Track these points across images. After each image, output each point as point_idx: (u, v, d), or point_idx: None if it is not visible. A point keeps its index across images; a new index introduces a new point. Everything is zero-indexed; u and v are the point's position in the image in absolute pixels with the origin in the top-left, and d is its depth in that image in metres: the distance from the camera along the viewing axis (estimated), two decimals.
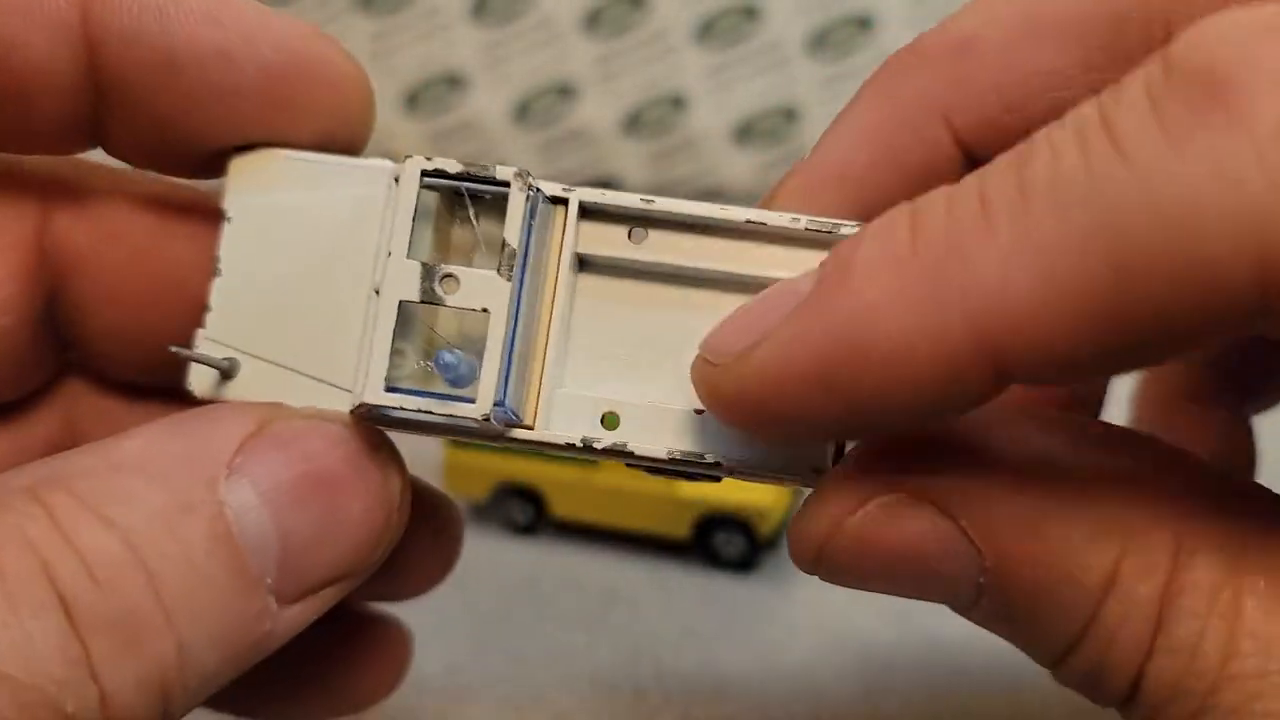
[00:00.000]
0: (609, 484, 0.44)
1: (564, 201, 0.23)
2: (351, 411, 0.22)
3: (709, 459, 0.22)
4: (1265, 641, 0.18)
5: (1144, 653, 0.19)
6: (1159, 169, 0.16)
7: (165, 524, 0.19)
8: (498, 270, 0.22)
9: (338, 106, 0.24)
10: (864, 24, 0.79)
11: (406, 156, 0.23)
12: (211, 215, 0.24)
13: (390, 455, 0.23)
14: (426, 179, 0.22)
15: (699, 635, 0.39)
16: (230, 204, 0.24)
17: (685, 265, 0.23)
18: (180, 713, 0.20)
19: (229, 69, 0.23)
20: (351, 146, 0.24)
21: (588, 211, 0.23)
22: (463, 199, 0.23)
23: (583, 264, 0.24)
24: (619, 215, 0.23)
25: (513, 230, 0.22)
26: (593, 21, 0.80)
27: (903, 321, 0.18)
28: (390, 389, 0.22)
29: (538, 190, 0.23)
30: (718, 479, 0.23)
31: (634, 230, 0.23)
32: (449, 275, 0.22)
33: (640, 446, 0.22)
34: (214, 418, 0.21)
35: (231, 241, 0.23)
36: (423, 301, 0.22)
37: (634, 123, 0.82)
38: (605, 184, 0.84)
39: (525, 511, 0.46)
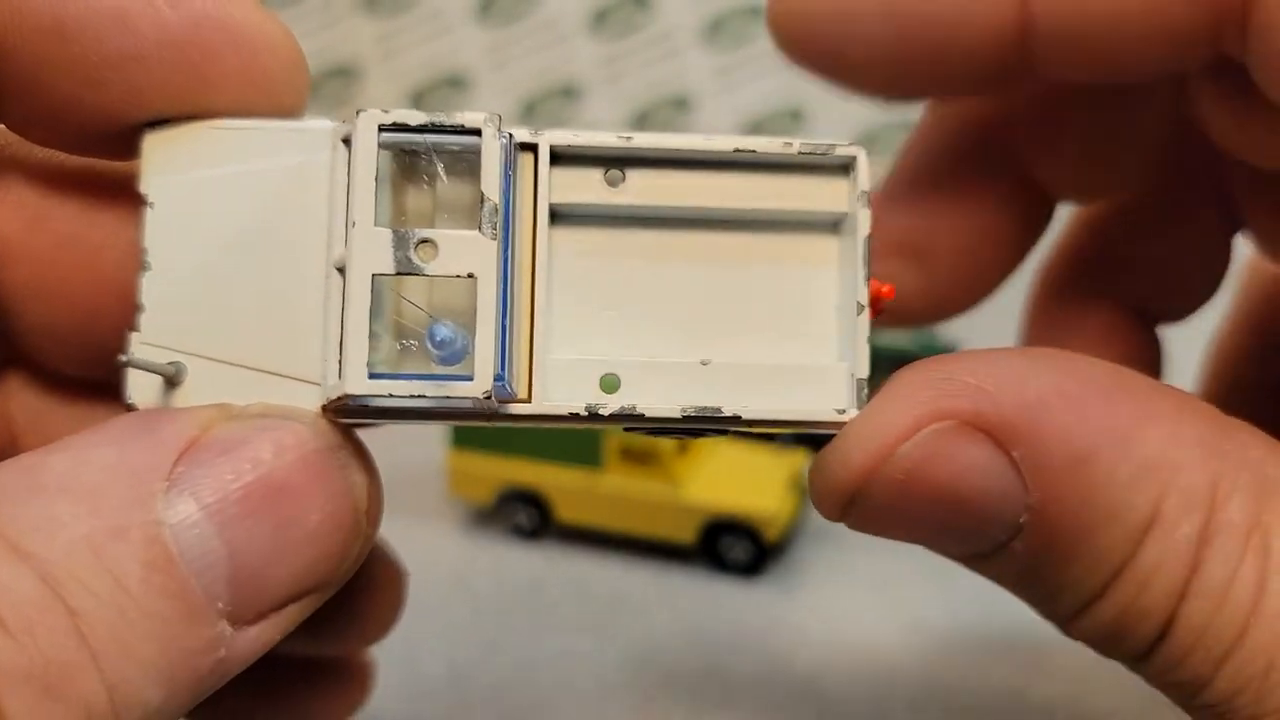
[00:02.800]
0: (614, 489, 0.44)
1: (533, 147, 0.21)
2: (325, 406, 0.20)
3: (726, 411, 0.20)
4: None
5: (1178, 595, 0.19)
6: None
7: (91, 552, 0.17)
8: (479, 229, 0.19)
9: (255, 71, 0.21)
10: None
11: (359, 111, 0.20)
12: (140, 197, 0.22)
13: (353, 453, 0.20)
14: (385, 134, 0.20)
15: (705, 641, 0.38)
16: (150, 186, 0.21)
17: (670, 205, 0.21)
18: None
19: (125, 33, 0.20)
20: (280, 116, 0.22)
21: (559, 157, 0.21)
22: (417, 156, 0.20)
23: (556, 215, 0.21)
24: (593, 158, 0.21)
25: (491, 182, 0.20)
26: (598, 22, 0.79)
27: None
28: (374, 375, 0.19)
29: (510, 136, 0.20)
30: (726, 433, 0.21)
31: (610, 172, 0.21)
32: (425, 240, 0.19)
33: (650, 407, 0.20)
34: (150, 423, 0.19)
35: (157, 229, 0.21)
36: (399, 273, 0.19)
37: (640, 124, 0.81)
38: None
39: (530, 516, 0.46)
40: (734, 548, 0.43)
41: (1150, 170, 0.27)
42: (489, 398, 0.19)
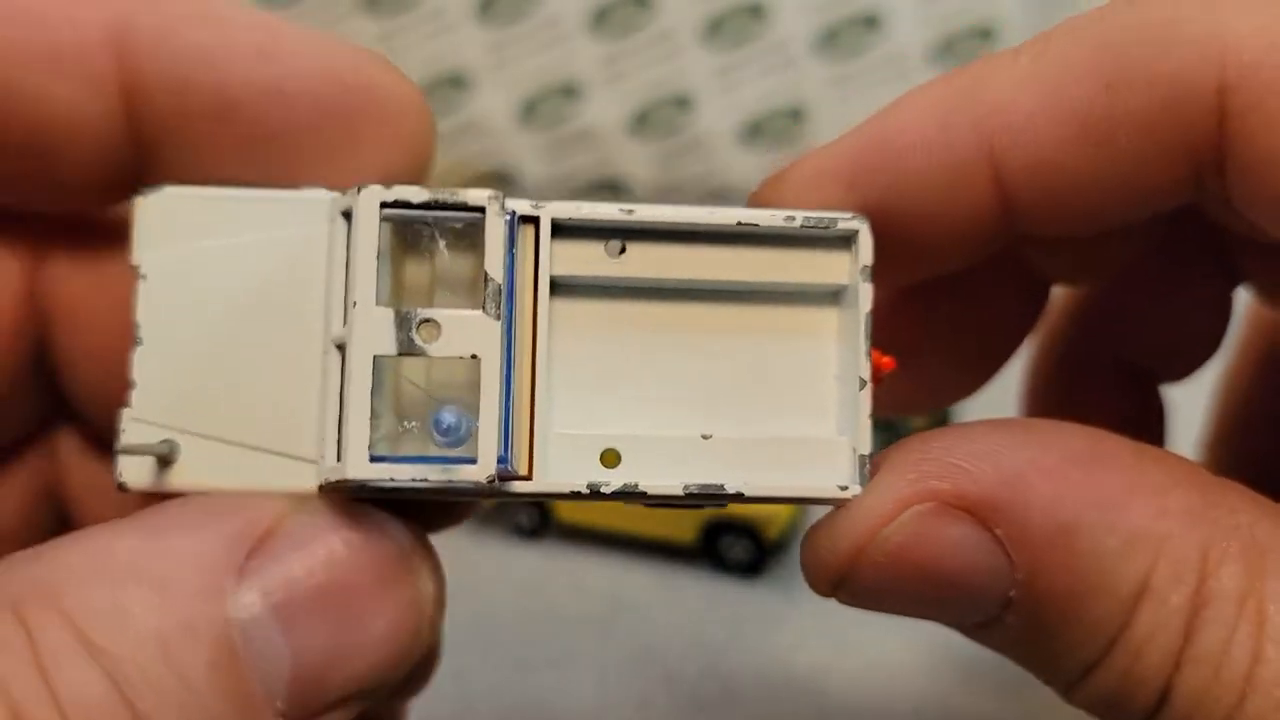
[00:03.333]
0: None
1: (534, 220, 0.20)
2: (323, 486, 0.19)
3: (729, 489, 0.20)
4: None
5: (1172, 664, 0.19)
6: (1154, 3, 0.20)
7: (161, 650, 0.17)
8: (483, 308, 0.19)
9: (400, 137, 0.21)
10: (871, 23, 0.78)
11: (359, 187, 0.19)
12: None
13: (424, 558, 0.20)
14: (386, 211, 0.19)
15: (705, 641, 0.38)
16: (142, 258, 0.20)
17: (671, 277, 0.21)
18: None
19: (284, 109, 0.20)
20: (414, 179, 0.21)
21: (560, 229, 0.21)
22: (415, 229, 0.20)
23: (557, 288, 0.21)
24: (595, 230, 0.21)
25: (494, 262, 0.19)
26: (599, 21, 0.79)
27: (922, 123, 0.21)
28: (375, 458, 0.19)
29: (513, 213, 0.20)
30: (723, 505, 0.21)
31: (611, 244, 0.21)
32: (428, 320, 0.19)
33: (652, 485, 0.20)
34: (222, 510, 0.19)
35: (150, 302, 0.20)
36: (401, 354, 0.19)
37: (641, 123, 0.81)
38: (611, 185, 0.84)
39: (531, 516, 0.46)
40: (734, 547, 0.43)
41: (1147, 246, 0.27)
42: (492, 481, 0.19)
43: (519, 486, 0.20)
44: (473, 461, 0.19)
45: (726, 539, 0.43)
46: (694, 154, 0.82)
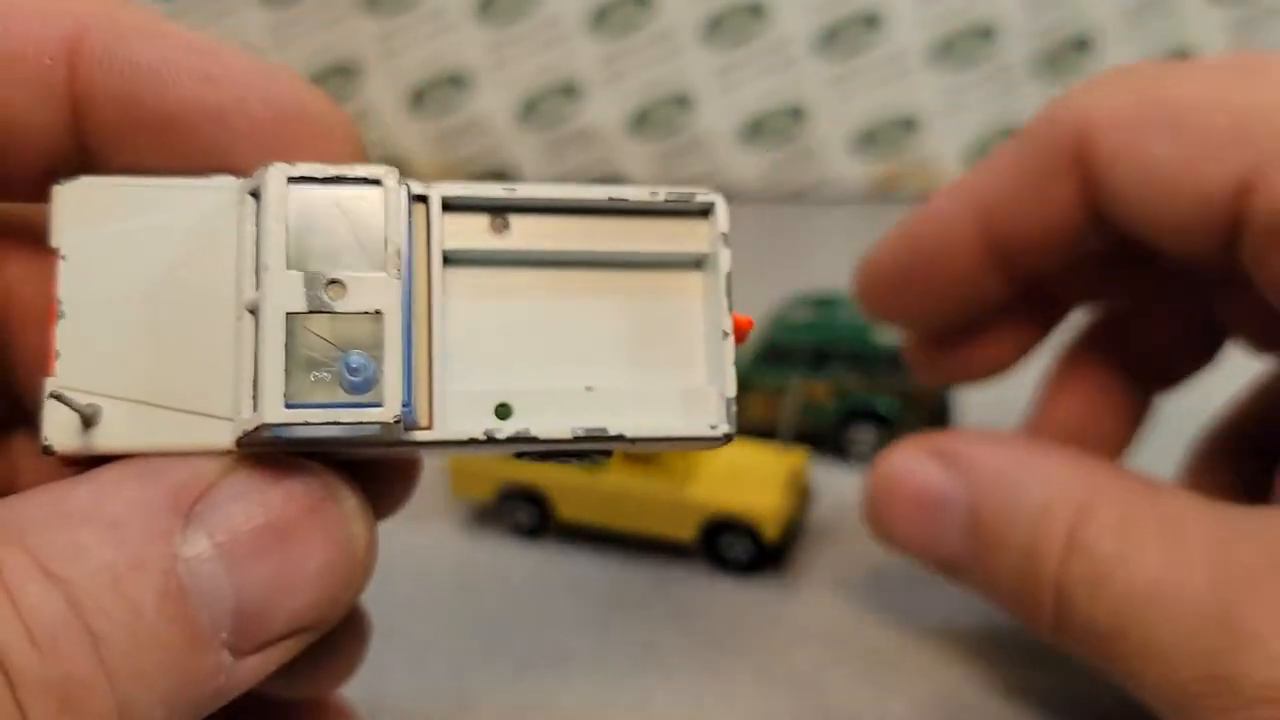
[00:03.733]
0: (614, 487, 0.44)
1: (425, 198, 0.22)
2: (239, 440, 0.21)
3: (612, 431, 0.22)
4: (1129, 535, 0.29)
5: (1063, 553, 0.29)
6: (1060, 100, 0.32)
7: (113, 581, 0.18)
8: (384, 270, 0.21)
9: (326, 156, 0.23)
10: (871, 22, 0.78)
11: (268, 165, 0.21)
12: None
13: (356, 506, 0.22)
14: (293, 185, 0.21)
15: (705, 639, 0.38)
16: (62, 239, 0.22)
17: (551, 249, 0.23)
18: None
19: (221, 128, 0.22)
20: None
21: (449, 206, 0.23)
22: (319, 209, 0.22)
23: (449, 260, 0.23)
24: (480, 206, 0.23)
25: (395, 228, 0.21)
26: (599, 21, 0.79)
27: (941, 204, 0.33)
28: (290, 405, 0.20)
29: (407, 185, 0.22)
30: (609, 454, 0.23)
31: (495, 220, 0.23)
32: (334, 281, 0.21)
33: (542, 430, 0.22)
34: (171, 465, 0.20)
35: (70, 279, 0.22)
36: (310, 311, 0.21)
37: (640, 122, 0.81)
38: (612, 183, 0.84)
39: (530, 514, 0.46)
40: (734, 546, 0.43)
41: (1154, 278, 0.36)
42: (398, 422, 0.20)
43: (420, 435, 0.21)
44: (379, 405, 0.20)
45: (726, 538, 0.43)
46: (694, 153, 0.82)
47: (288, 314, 0.21)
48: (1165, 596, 0.28)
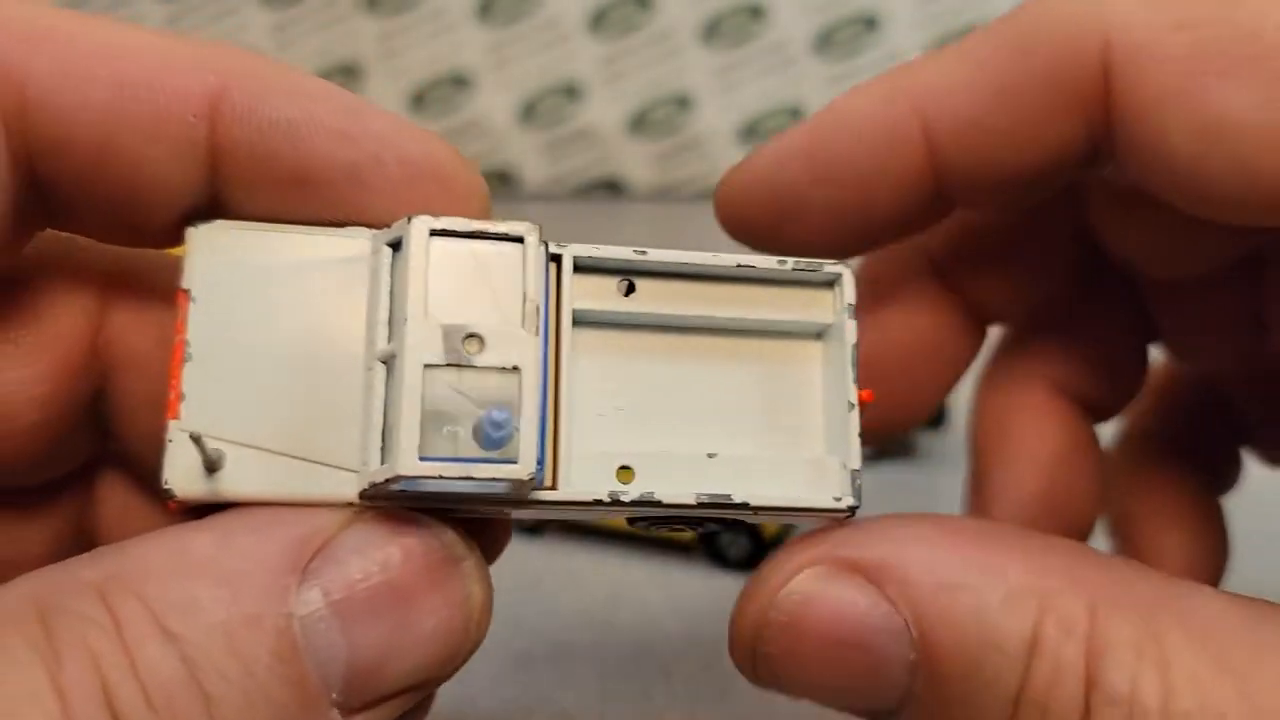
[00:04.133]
0: None
1: (558, 258, 0.23)
2: (364, 492, 0.21)
3: (737, 499, 0.22)
4: (1198, 683, 0.19)
5: (1082, 711, 0.19)
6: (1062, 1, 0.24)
7: (227, 639, 0.18)
8: (523, 326, 0.21)
9: (460, 213, 0.23)
10: (870, 24, 0.79)
11: (411, 217, 0.21)
12: None
13: (474, 565, 0.21)
14: (434, 238, 0.21)
15: (704, 635, 0.39)
16: (193, 281, 0.22)
17: (676, 313, 0.23)
18: None
19: (356, 184, 0.22)
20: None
21: (580, 266, 0.23)
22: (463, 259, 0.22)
23: (576, 320, 0.23)
24: (610, 268, 0.23)
25: (533, 284, 0.21)
26: (599, 21, 0.80)
27: (866, 103, 0.25)
28: (424, 458, 0.20)
29: (546, 243, 0.22)
30: (742, 524, 0.23)
31: (624, 281, 0.23)
32: (473, 335, 0.21)
33: (667, 494, 0.21)
34: (289, 518, 0.20)
35: (199, 322, 0.22)
36: (448, 364, 0.21)
37: (640, 123, 0.82)
38: (611, 184, 0.84)
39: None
40: (733, 543, 0.44)
41: (1066, 283, 0.31)
42: (531, 479, 0.20)
43: (546, 495, 0.21)
44: (514, 462, 0.20)
45: (725, 535, 0.43)
46: (693, 153, 0.82)
47: (425, 365, 0.20)
48: None
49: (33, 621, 0.18)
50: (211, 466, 0.21)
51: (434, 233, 0.21)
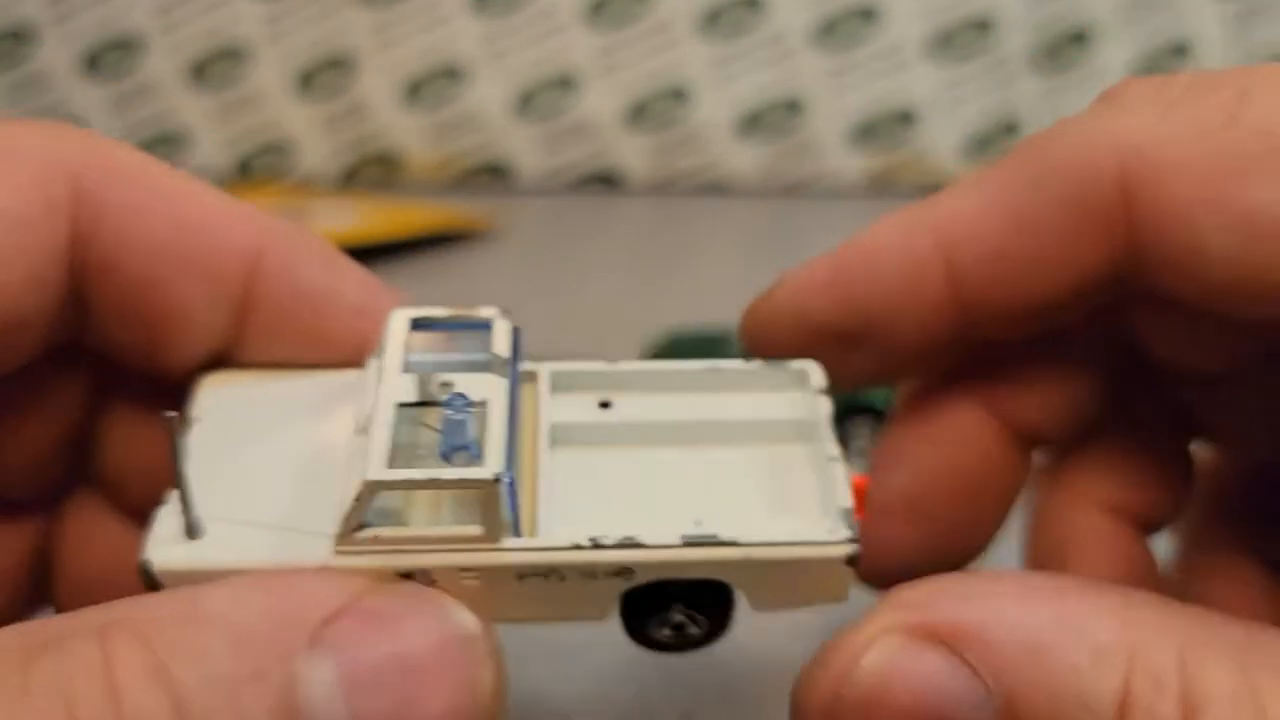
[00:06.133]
0: None
1: (533, 375, 0.25)
2: (339, 534, 0.21)
3: (724, 537, 0.22)
4: None
5: None
6: (1071, 120, 0.25)
7: (227, 691, 0.18)
8: (490, 370, 0.23)
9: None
10: (868, 15, 0.78)
11: (393, 311, 0.24)
12: None
13: (488, 650, 0.21)
14: (416, 322, 0.24)
15: None
16: (198, 409, 0.24)
17: (654, 421, 0.24)
18: None
19: (368, 350, 0.25)
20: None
21: (557, 384, 0.25)
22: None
23: (556, 433, 0.24)
24: (586, 383, 0.25)
25: (501, 344, 0.23)
26: (595, 12, 0.79)
27: (889, 236, 0.26)
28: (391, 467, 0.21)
29: (517, 329, 0.24)
30: (727, 602, 0.23)
31: (601, 397, 0.25)
32: (445, 382, 0.22)
33: (650, 536, 0.22)
34: (305, 582, 0.20)
35: (200, 435, 0.24)
36: (421, 403, 0.22)
37: (637, 115, 0.81)
38: (608, 177, 0.84)
39: None
40: None
41: (1107, 403, 0.30)
42: (498, 480, 0.21)
43: (520, 542, 0.22)
44: (480, 465, 0.21)
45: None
46: (690, 146, 0.82)
47: (398, 404, 0.22)
48: None
49: (14, 657, 0.18)
50: (191, 531, 0.22)
51: (414, 320, 0.24)
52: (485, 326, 0.24)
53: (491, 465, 0.21)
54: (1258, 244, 0.22)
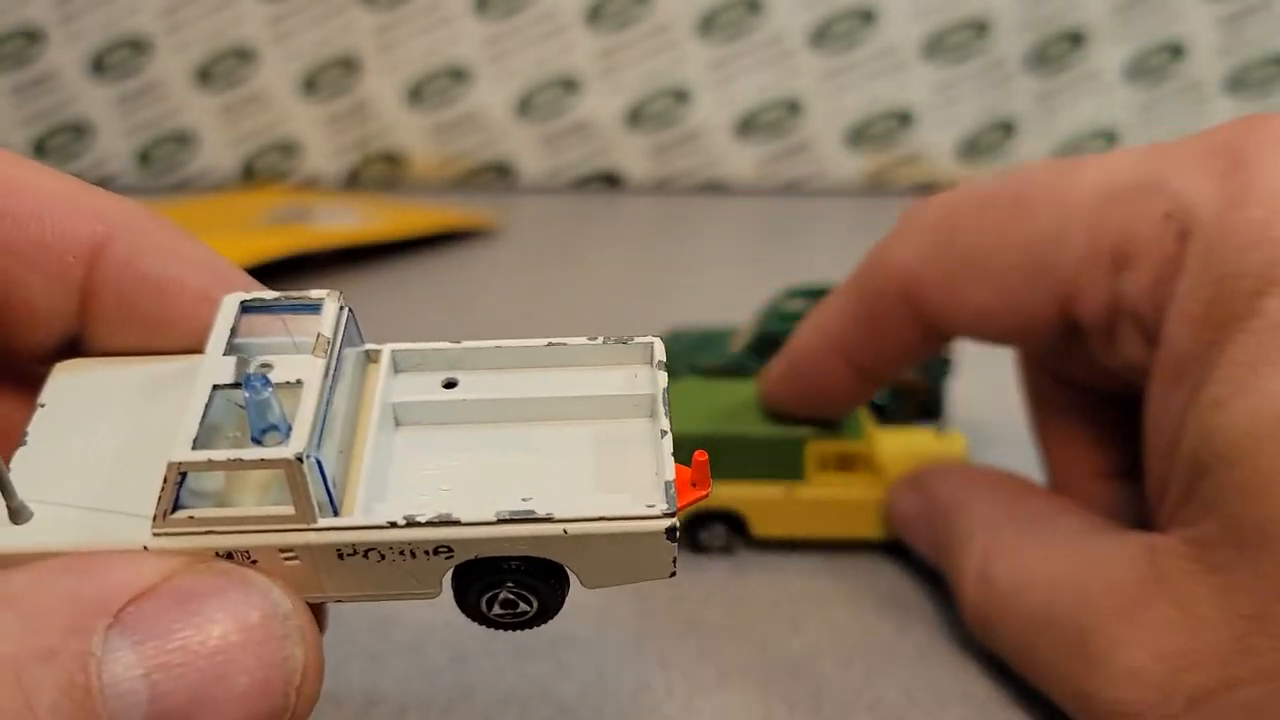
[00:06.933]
0: None
1: (376, 354, 0.25)
2: (154, 517, 0.21)
3: (540, 512, 0.21)
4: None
5: (975, 587, 0.36)
6: (881, 254, 0.37)
7: (13, 670, 0.17)
8: (312, 352, 0.23)
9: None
10: (866, 17, 0.79)
11: (224, 296, 0.24)
12: None
13: (300, 626, 0.21)
14: (245, 305, 0.24)
15: (701, 626, 0.39)
16: (46, 396, 0.25)
17: (497, 399, 0.24)
18: None
19: (196, 334, 0.25)
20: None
21: (399, 363, 0.25)
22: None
23: (399, 412, 0.24)
24: (430, 363, 0.25)
25: (326, 324, 0.23)
26: (595, 14, 0.80)
27: (808, 346, 0.40)
28: (195, 448, 0.21)
29: (351, 310, 0.24)
30: (554, 601, 0.23)
31: (446, 376, 0.25)
32: (265, 364, 0.23)
33: (465, 514, 0.21)
34: (114, 564, 0.20)
35: (42, 420, 0.24)
36: (235, 385, 0.22)
37: (637, 116, 0.82)
38: (608, 177, 0.84)
39: None
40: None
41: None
42: (301, 460, 0.20)
43: (332, 521, 0.21)
44: (284, 444, 0.21)
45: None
46: (689, 147, 0.82)
47: (214, 386, 0.22)
48: (1049, 624, 0.31)
49: None
50: (15, 516, 0.21)
51: (244, 305, 0.24)
52: (315, 308, 0.24)
53: (295, 445, 0.20)
54: (987, 323, 0.35)
